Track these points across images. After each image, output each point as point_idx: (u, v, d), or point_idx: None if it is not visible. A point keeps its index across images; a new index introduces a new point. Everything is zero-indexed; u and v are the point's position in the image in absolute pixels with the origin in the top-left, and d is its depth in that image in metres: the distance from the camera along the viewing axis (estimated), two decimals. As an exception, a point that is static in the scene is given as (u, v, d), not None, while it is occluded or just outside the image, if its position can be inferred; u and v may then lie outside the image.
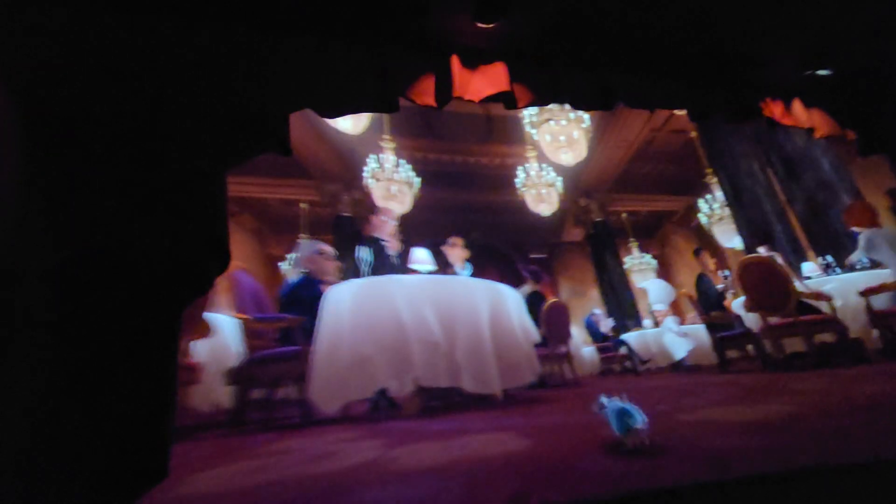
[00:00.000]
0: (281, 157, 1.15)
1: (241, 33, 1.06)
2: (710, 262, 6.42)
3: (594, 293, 13.68)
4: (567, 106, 2.47)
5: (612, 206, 13.07)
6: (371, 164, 7.48)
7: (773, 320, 3.83)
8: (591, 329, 10.29)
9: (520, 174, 9.45)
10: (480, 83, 1.45)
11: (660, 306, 9.37)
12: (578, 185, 12.47)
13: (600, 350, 9.74)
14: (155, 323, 0.80)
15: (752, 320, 4.56)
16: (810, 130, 1.75)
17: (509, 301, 3.32)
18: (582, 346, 10.17)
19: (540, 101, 1.55)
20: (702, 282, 6.14)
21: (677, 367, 7.83)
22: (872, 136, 1.70)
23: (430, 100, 1.37)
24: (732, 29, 1.57)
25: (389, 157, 7.56)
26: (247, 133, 1.01)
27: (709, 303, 5.68)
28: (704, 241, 13.60)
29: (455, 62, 1.42)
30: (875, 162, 2.76)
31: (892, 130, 1.70)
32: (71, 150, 0.84)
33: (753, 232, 6.88)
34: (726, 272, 6.37)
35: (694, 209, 12.59)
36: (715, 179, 9.24)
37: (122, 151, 0.87)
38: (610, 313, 12.46)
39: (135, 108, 0.89)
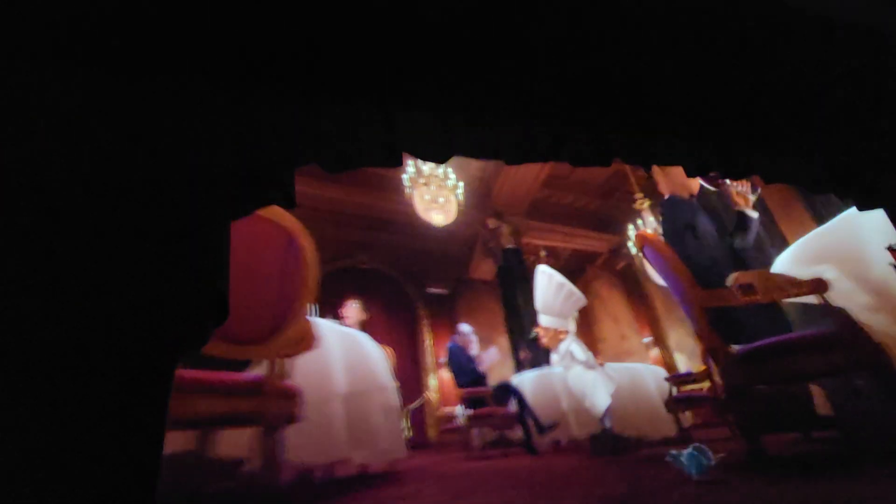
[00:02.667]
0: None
1: (252, 91, 1.07)
2: None
3: (504, 341, 11.73)
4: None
5: (528, 235, 11.55)
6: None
7: None
8: (455, 360, 6.17)
9: (409, 168, 7.73)
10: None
11: (551, 320, 5.37)
12: (488, 202, 11.00)
13: (469, 402, 5.75)
14: (145, 379, 0.78)
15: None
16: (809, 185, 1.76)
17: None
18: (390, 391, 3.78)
19: (540, 157, 1.51)
20: (672, 207, 2.90)
21: (605, 441, 4.55)
22: (870, 190, 1.73)
23: (432, 155, 1.34)
24: (727, 88, 1.61)
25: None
26: (253, 186, 1.01)
27: (710, 253, 2.64)
28: (631, 287, 13.30)
29: (458, 119, 1.39)
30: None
31: (889, 185, 1.75)
32: (70, 199, 0.82)
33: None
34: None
35: (619, 251, 12.49)
36: (647, 205, 8.52)
37: (122, 202, 0.86)
38: (518, 364, 9.84)
39: (139, 161, 0.89)
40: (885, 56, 1.58)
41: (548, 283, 5.44)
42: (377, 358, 3.70)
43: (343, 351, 3.33)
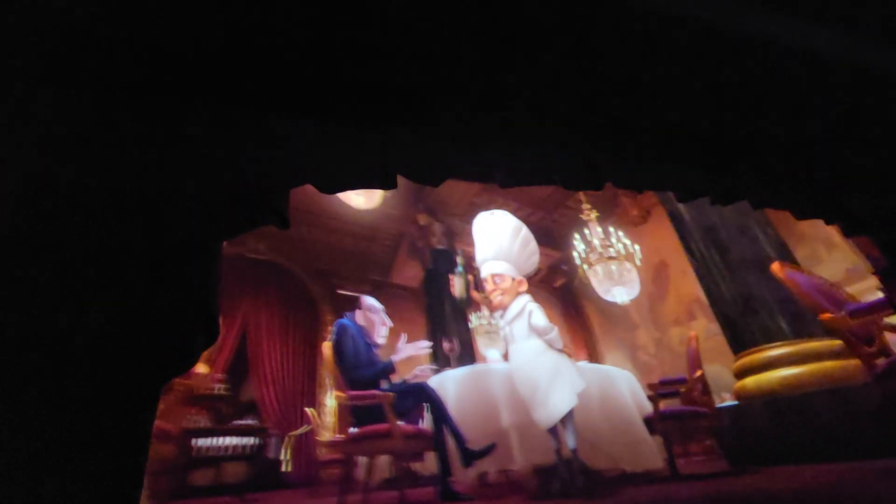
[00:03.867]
0: None
1: (247, 113, 1.08)
2: None
3: (425, 358, 9.67)
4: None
5: (463, 241, 10.27)
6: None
7: None
8: (348, 344, 3.79)
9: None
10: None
11: (508, 266, 3.69)
12: (421, 196, 9.93)
13: (357, 415, 3.51)
14: (130, 401, 0.77)
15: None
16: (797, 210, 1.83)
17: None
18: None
19: (530, 181, 1.52)
20: None
21: (564, 476, 3.06)
22: (855, 217, 1.80)
23: (426, 178, 1.35)
24: (717, 116, 1.64)
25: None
26: (246, 207, 1.01)
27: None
28: (568, 306, 13.01)
29: (451, 143, 1.40)
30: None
31: (873, 212, 1.82)
32: (58, 216, 0.81)
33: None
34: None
35: (558, 267, 12.34)
36: (595, 215, 8.25)
37: (111, 221, 0.85)
38: (441, 361, 8.13)
39: (131, 179, 0.90)
40: (870, 89, 1.62)
41: (503, 225, 3.71)
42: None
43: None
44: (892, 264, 1.88)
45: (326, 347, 3.94)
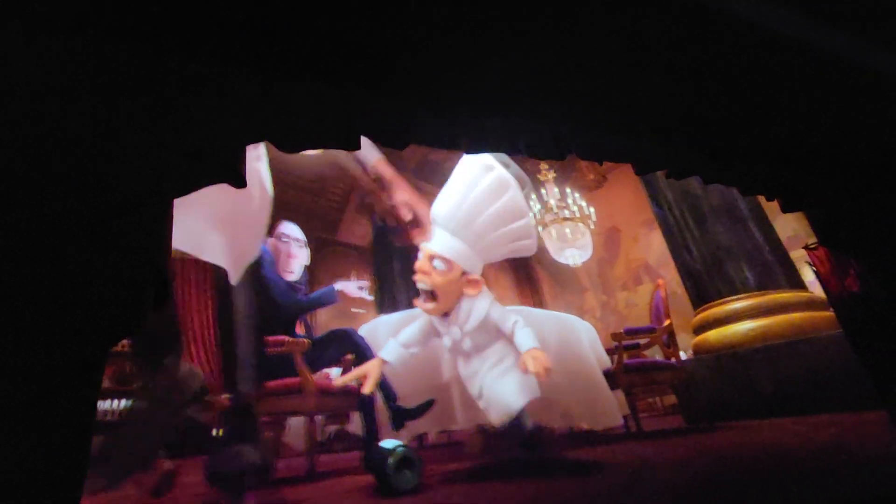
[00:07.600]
0: None
1: (202, 65, 1.03)
2: None
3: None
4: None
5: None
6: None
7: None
8: (265, 274, 2.98)
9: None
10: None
11: (459, 249, 2.64)
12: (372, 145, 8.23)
13: (263, 369, 2.50)
14: (76, 364, 0.75)
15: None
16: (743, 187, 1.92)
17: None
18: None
19: (496, 148, 1.56)
20: None
21: (514, 436, 2.44)
22: (793, 194, 1.94)
23: (391, 140, 1.33)
24: (673, 94, 1.68)
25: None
26: (200, 163, 0.97)
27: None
28: (519, 269, 13.10)
29: (416, 106, 1.39)
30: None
31: (809, 190, 1.96)
32: None
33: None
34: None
35: None
36: (552, 175, 8.35)
37: (57, 176, 0.81)
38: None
39: (74, 131, 0.84)
40: (815, 69, 1.66)
41: (481, 175, 2.65)
42: None
43: None
44: (820, 238, 2.07)
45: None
